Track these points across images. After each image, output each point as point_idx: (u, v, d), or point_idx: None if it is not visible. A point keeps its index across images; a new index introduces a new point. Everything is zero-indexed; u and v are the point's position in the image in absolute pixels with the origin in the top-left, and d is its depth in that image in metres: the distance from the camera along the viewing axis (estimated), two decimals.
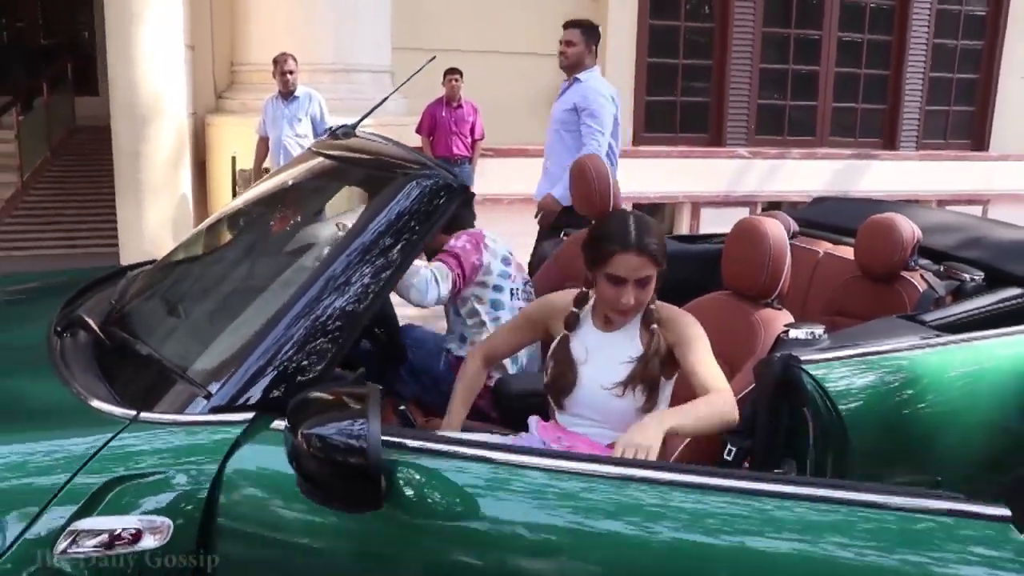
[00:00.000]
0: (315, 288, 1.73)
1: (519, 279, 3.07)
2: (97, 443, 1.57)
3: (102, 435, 1.58)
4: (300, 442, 1.41)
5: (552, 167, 4.82)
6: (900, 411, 2.17)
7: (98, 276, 2.59)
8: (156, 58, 6.49)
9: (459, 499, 1.58)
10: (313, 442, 1.41)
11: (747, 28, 9.59)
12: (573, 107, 4.74)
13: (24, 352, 2.01)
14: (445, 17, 8.68)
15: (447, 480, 1.59)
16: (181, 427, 1.62)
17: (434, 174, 1.87)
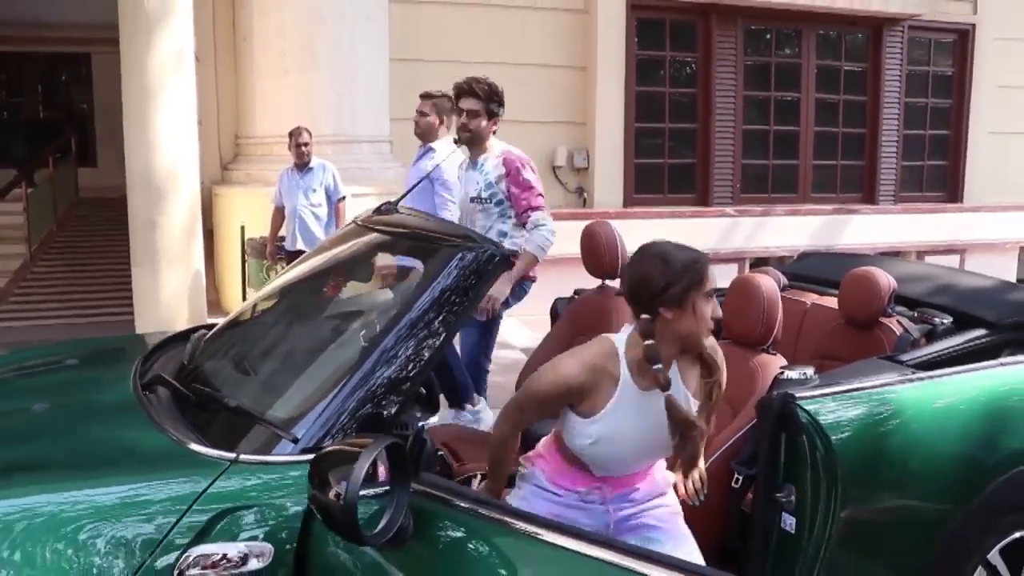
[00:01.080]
0: (383, 347, 2.03)
1: None
2: (206, 482, 1.85)
3: (210, 475, 1.86)
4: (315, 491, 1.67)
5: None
6: (883, 441, 2.48)
7: (161, 340, 2.88)
8: (171, 132, 6.81)
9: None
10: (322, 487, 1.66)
11: (729, 92, 10.05)
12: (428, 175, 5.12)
13: (118, 409, 2.29)
14: (443, 88, 9.04)
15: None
16: (275, 467, 1.91)
17: (479, 245, 2.18)
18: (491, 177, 4.15)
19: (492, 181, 4.15)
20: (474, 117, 4.20)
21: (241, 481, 1.87)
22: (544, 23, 9.46)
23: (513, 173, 4.11)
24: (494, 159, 4.18)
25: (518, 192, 4.11)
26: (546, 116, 9.56)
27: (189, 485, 1.84)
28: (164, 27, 6.78)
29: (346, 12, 8.08)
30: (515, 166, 4.13)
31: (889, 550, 2.53)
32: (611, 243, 3.45)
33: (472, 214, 4.23)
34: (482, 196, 4.15)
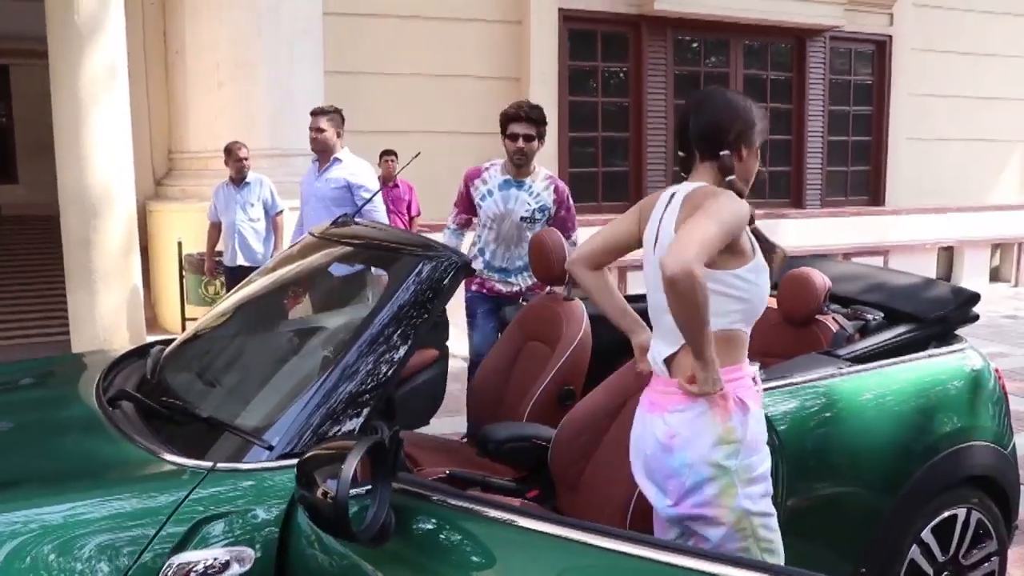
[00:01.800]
0: (350, 356, 2.10)
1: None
2: (184, 491, 1.89)
3: (188, 484, 1.90)
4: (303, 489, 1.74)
5: None
6: (824, 431, 2.63)
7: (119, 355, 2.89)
8: (104, 147, 6.72)
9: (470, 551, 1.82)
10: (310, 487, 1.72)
11: (660, 101, 10.28)
12: (346, 184, 5.49)
13: (86, 424, 2.31)
14: (377, 101, 9.13)
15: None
16: (253, 473, 1.96)
17: (440, 253, 2.26)
18: (545, 200, 4.54)
19: (547, 204, 4.55)
20: (529, 141, 4.47)
21: (219, 489, 1.91)
22: (478, 35, 9.57)
23: (565, 200, 4.60)
24: (542, 181, 4.58)
25: (565, 215, 4.59)
26: (481, 127, 9.62)
27: (167, 494, 1.88)
28: (95, 40, 6.71)
29: (281, 25, 8.08)
30: (565, 193, 4.63)
31: (832, 534, 2.68)
32: (559, 251, 3.55)
33: (520, 231, 4.52)
34: (535, 216, 4.50)
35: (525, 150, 4.46)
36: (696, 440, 2.17)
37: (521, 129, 4.45)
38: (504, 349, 3.68)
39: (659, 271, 2.03)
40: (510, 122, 4.51)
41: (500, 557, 1.76)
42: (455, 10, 9.42)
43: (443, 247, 2.31)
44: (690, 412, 2.18)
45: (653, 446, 2.26)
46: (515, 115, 4.49)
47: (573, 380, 3.36)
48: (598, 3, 9.92)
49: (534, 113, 4.47)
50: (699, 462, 2.16)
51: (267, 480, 1.95)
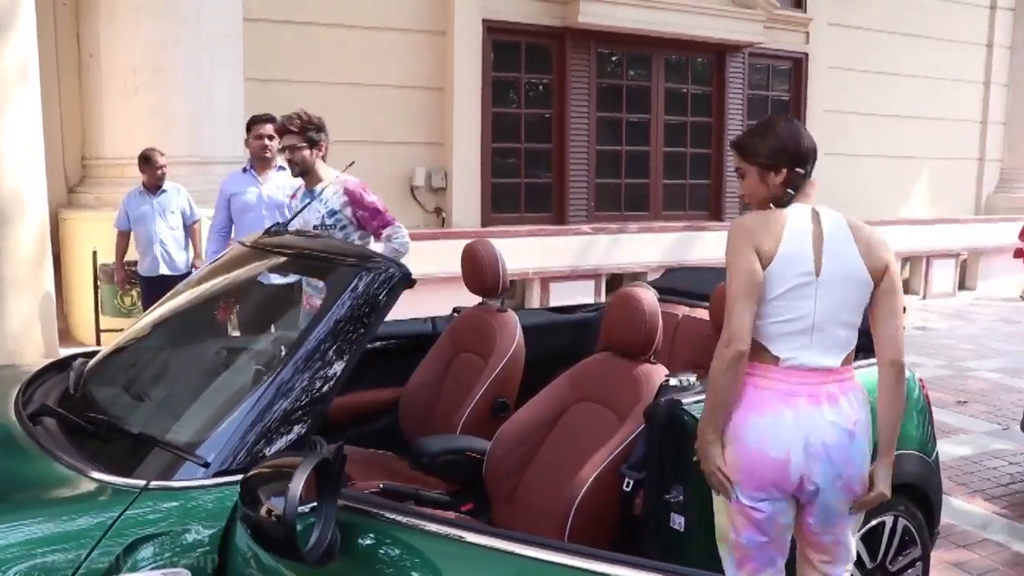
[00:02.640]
0: (286, 371, 2.05)
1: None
2: (116, 510, 1.81)
3: (120, 503, 1.82)
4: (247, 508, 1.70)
5: None
6: None
7: (38, 369, 2.77)
8: (15, 151, 6.47)
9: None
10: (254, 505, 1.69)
11: (583, 113, 10.37)
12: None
13: (5, 441, 2.20)
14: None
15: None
16: (188, 491, 1.88)
17: (378, 264, 2.22)
18: (333, 205, 4.28)
19: (335, 209, 4.28)
20: (297, 151, 4.30)
21: (153, 508, 1.84)
22: (401, 44, 9.53)
23: (357, 200, 4.28)
24: (333, 188, 4.31)
25: (367, 216, 4.30)
26: (404, 136, 9.62)
27: (98, 515, 1.80)
28: (6, 38, 6.46)
29: (201, 30, 7.91)
30: (357, 194, 4.29)
31: None
32: (493, 262, 3.53)
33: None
34: (325, 224, 4.26)
35: (295, 160, 4.32)
36: (868, 425, 2.44)
37: (286, 142, 4.34)
38: (435, 360, 3.65)
39: (830, 289, 2.39)
40: (280, 137, 4.44)
41: (446, 572, 1.73)
42: (378, 19, 9.36)
43: (382, 258, 2.27)
44: (862, 396, 2.46)
45: (836, 434, 2.37)
46: (278, 131, 4.45)
47: (507, 392, 3.34)
48: (522, 15, 9.97)
49: (293, 124, 4.32)
50: (868, 446, 2.43)
51: (202, 498, 1.88)
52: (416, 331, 3.83)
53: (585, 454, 2.77)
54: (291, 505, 1.55)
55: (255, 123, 5.68)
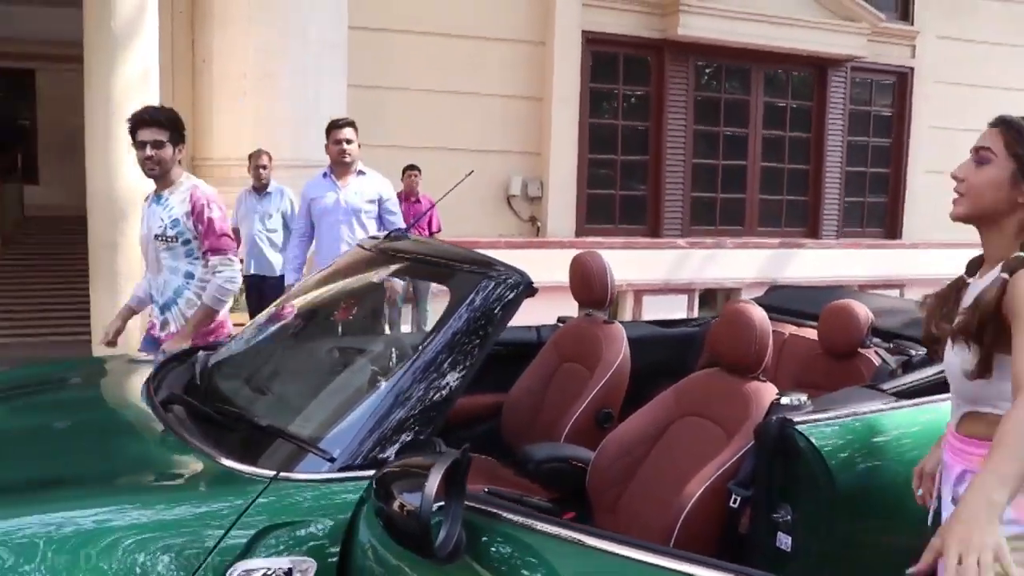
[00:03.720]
0: (412, 372, 2.11)
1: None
2: (249, 498, 1.89)
3: (252, 491, 1.91)
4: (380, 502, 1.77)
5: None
6: (873, 463, 2.61)
7: (163, 359, 2.90)
8: (133, 153, 6.76)
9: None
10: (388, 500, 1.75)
11: (679, 126, 10.32)
12: (376, 198, 5.41)
13: (142, 426, 2.32)
14: (399, 116, 9.18)
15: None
16: (315, 484, 1.96)
17: (501, 272, 2.26)
18: (177, 213, 3.78)
19: (179, 218, 3.78)
20: (160, 148, 3.74)
21: (282, 497, 1.92)
22: (501, 54, 9.63)
23: (198, 211, 3.77)
24: (181, 194, 3.82)
25: (202, 232, 3.79)
26: (501, 145, 9.71)
27: (232, 501, 1.88)
28: (130, 46, 6.78)
29: (308, 38, 8.12)
30: (201, 203, 3.78)
31: (879, 566, 2.65)
32: (601, 273, 3.55)
33: (157, 252, 3.88)
34: (167, 234, 3.79)
35: (155, 158, 3.74)
36: None
37: (148, 135, 3.72)
38: (539, 368, 3.68)
39: None
40: (138, 127, 3.75)
41: (564, 573, 1.76)
42: (480, 29, 9.48)
43: (504, 266, 2.31)
44: None
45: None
46: (141, 119, 3.75)
47: (612, 403, 3.36)
48: (621, 26, 9.99)
49: (163, 116, 3.78)
50: None
51: (328, 491, 1.95)
52: (520, 339, 3.86)
53: (691, 468, 2.76)
54: (427, 502, 1.60)
55: (334, 128, 5.61)
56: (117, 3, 6.65)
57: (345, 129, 5.52)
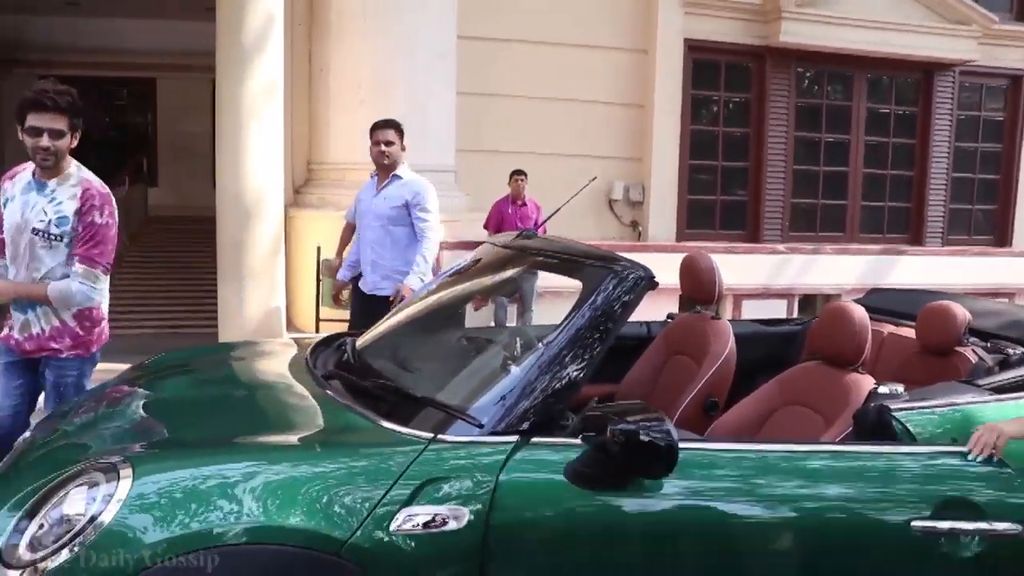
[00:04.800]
0: (549, 353, 2.42)
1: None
2: (413, 455, 2.22)
3: (415, 450, 2.24)
4: (608, 436, 2.11)
5: (383, 261, 5.30)
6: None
7: (316, 341, 3.27)
8: (261, 158, 7.25)
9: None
10: (618, 435, 2.12)
11: (780, 132, 10.41)
12: (405, 204, 5.24)
13: (314, 397, 2.68)
14: (505, 123, 9.51)
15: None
16: (468, 445, 2.28)
17: (626, 267, 2.54)
18: (66, 210, 3.37)
19: (67, 215, 3.38)
20: (58, 138, 3.31)
21: (438, 456, 2.24)
22: (605, 61, 9.89)
23: (86, 210, 3.37)
24: (70, 188, 3.40)
25: (82, 234, 3.37)
26: (604, 151, 9.96)
27: (398, 458, 2.21)
28: (258, 59, 7.24)
29: (420, 48, 8.50)
30: (90, 203, 3.39)
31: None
32: (710, 272, 3.78)
33: (32, 247, 3.41)
34: (51, 232, 3.36)
35: (52, 148, 3.31)
36: None
37: (43, 121, 3.28)
38: (650, 360, 3.92)
39: None
40: (28, 111, 3.29)
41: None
42: (583, 37, 9.75)
43: (627, 261, 2.58)
44: None
45: None
46: (36, 103, 3.28)
47: (718, 392, 3.58)
48: (723, 34, 10.14)
49: (63, 100, 3.30)
50: None
51: (477, 452, 2.26)
52: (632, 333, 4.11)
53: None
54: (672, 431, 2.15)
55: (374, 128, 5.45)
56: (248, 17, 7.13)
57: (385, 130, 5.38)
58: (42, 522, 2.15)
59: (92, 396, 3.11)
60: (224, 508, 2.07)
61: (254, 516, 2.07)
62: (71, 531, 2.09)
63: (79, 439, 2.62)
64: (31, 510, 2.20)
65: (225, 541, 2.04)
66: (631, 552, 2.30)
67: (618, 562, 2.29)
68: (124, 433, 2.57)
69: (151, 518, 2.06)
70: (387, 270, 5.28)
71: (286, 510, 2.08)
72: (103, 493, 2.12)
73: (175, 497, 2.09)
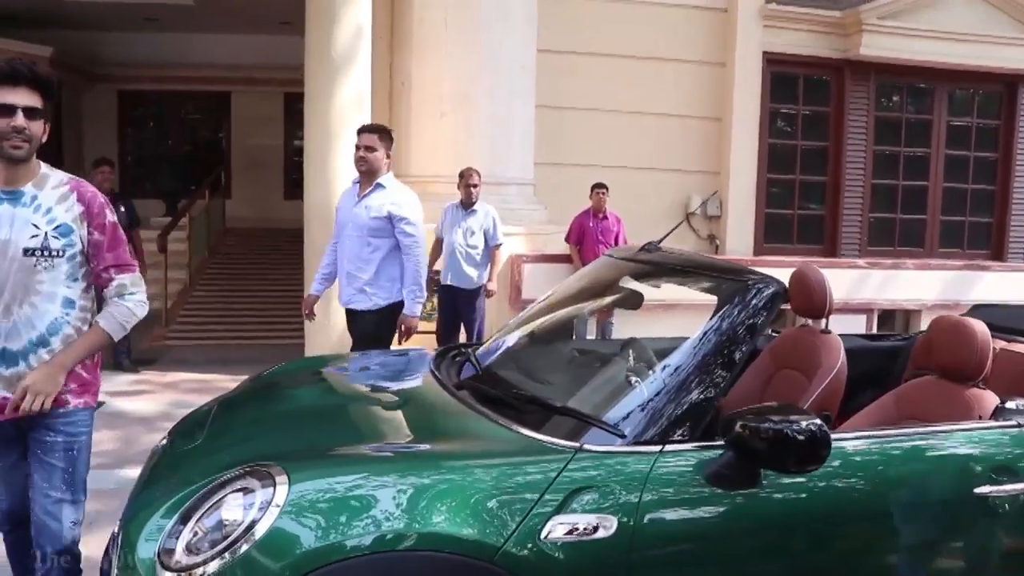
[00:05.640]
0: (692, 363, 2.46)
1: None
2: (560, 464, 2.27)
3: (562, 459, 2.28)
4: (754, 436, 2.21)
5: (361, 274, 4.93)
6: None
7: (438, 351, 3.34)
8: (348, 170, 7.37)
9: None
10: (766, 432, 2.22)
11: (859, 145, 10.31)
12: (387, 215, 4.82)
13: (449, 406, 2.74)
14: (583, 136, 9.56)
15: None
16: (612, 455, 2.32)
17: (760, 280, 2.57)
18: (62, 217, 2.68)
19: (67, 223, 2.69)
20: (33, 116, 2.61)
21: (585, 466, 2.28)
22: (682, 75, 9.90)
23: (95, 213, 2.73)
24: (55, 189, 2.70)
25: (103, 241, 2.75)
26: (681, 164, 9.96)
27: (548, 467, 2.26)
28: (346, 73, 7.40)
29: (501, 61, 8.60)
30: (97, 204, 2.75)
31: None
32: (821, 285, 3.78)
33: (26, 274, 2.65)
34: (50, 247, 2.65)
35: (27, 132, 2.59)
36: None
37: (18, 98, 2.57)
38: (756, 375, 3.92)
39: None
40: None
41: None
42: (661, 51, 9.78)
43: (758, 274, 2.61)
44: None
45: None
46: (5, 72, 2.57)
47: (830, 407, 3.56)
48: (802, 47, 10.09)
49: (40, 73, 2.63)
50: None
51: (621, 461, 2.30)
52: None
53: None
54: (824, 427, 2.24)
55: (360, 133, 5.09)
56: (337, 32, 7.29)
57: (368, 135, 4.98)
58: (196, 528, 2.21)
59: (219, 405, 3.20)
60: (377, 515, 2.12)
61: (408, 523, 2.12)
62: (228, 536, 2.15)
63: (219, 447, 2.70)
64: (185, 515, 2.26)
65: (379, 548, 2.09)
66: (775, 550, 2.38)
67: (761, 561, 2.35)
68: (263, 441, 2.64)
69: (307, 525, 2.12)
70: (362, 283, 4.95)
71: (440, 518, 2.13)
72: (260, 499, 2.18)
73: (329, 504, 2.15)
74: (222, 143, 16.12)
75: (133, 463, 4.96)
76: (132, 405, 6.73)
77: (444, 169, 8.36)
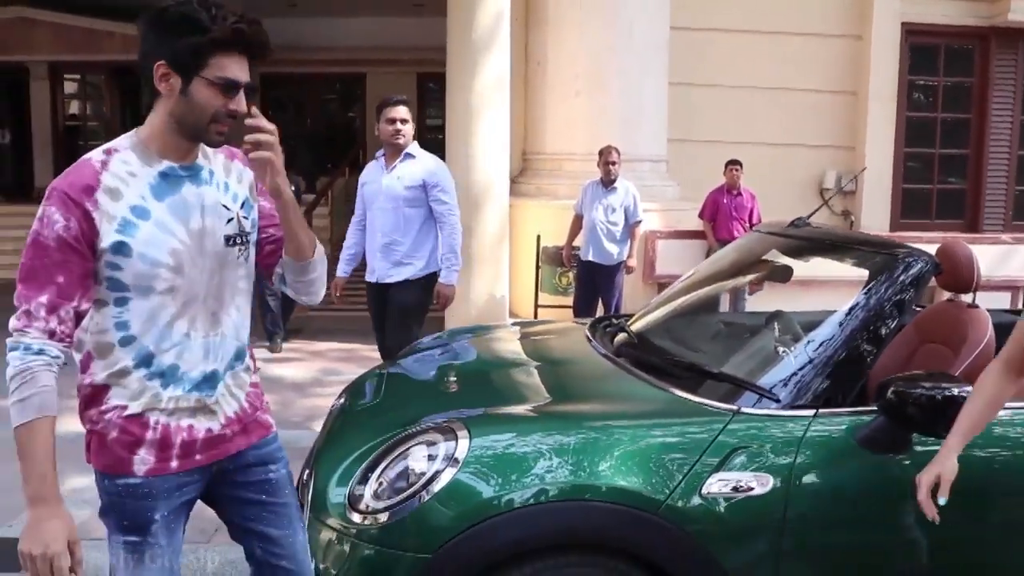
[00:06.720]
0: (844, 332, 2.60)
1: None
2: (720, 425, 2.46)
3: (721, 420, 2.47)
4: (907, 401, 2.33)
5: (398, 247, 4.86)
6: None
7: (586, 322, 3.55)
8: (488, 149, 7.65)
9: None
10: (919, 398, 2.34)
11: (1005, 116, 9.99)
12: (422, 183, 4.79)
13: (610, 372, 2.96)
14: (715, 112, 9.58)
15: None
16: (768, 418, 2.49)
17: (914, 252, 2.68)
18: (239, 190, 2.12)
19: (247, 197, 2.13)
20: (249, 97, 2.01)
21: (743, 427, 2.46)
22: (814, 49, 9.78)
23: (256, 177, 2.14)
24: (216, 159, 2.09)
25: (272, 208, 2.15)
26: (815, 140, 9.86)
27: (709, 428, 2.46)
28: (487, 54, 7.63)
29: (635, 40, 8.70)
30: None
31: None
32: (968, 260, 3.81)
33: (223, 273, 2.05)
34: (246, 231, 2.09)
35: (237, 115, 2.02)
36: None
37: (246, 74, 1.97)
38: (899, 348, 3.98)
39: None
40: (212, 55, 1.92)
41: None
42: (795, 24, 9.68)
43: (910, 248, 2.72)
44: None
45: None
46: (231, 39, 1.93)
47: None
48: (943, 16, 9.83)
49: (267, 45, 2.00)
50: None
51: (776, 424, 2.47)
52: None
53: None
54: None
55: (387, 106, 4.94)
56: (478, 14, 7.53)
57: (399, 107, 4.90)
58: (381, 478, 2.47)
59: (391, 369, 3.49)
60: (553, 469, 2.36)
61: (582, 477, 2.34)
62: (414, 484, 2.40)
63: (399, 404, 2.98)
64: (372, 463, 2.53)
65: (556, 498, 2.32)
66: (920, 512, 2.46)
67: (912, 527, 2.47)
68: (441, 400, 2.91)
69: (488, 475, 2.37)
70: (401, 255, 4.88)
71: (610, 472, 2.34)
72: (444, 452, 2.43)
73: (508, 458, 2.40)
74: (355, 122, 16.67)
75: (290, 425, 5.37)
76: (284, 371, 7.17)
77: (579, 147, 8.54)
